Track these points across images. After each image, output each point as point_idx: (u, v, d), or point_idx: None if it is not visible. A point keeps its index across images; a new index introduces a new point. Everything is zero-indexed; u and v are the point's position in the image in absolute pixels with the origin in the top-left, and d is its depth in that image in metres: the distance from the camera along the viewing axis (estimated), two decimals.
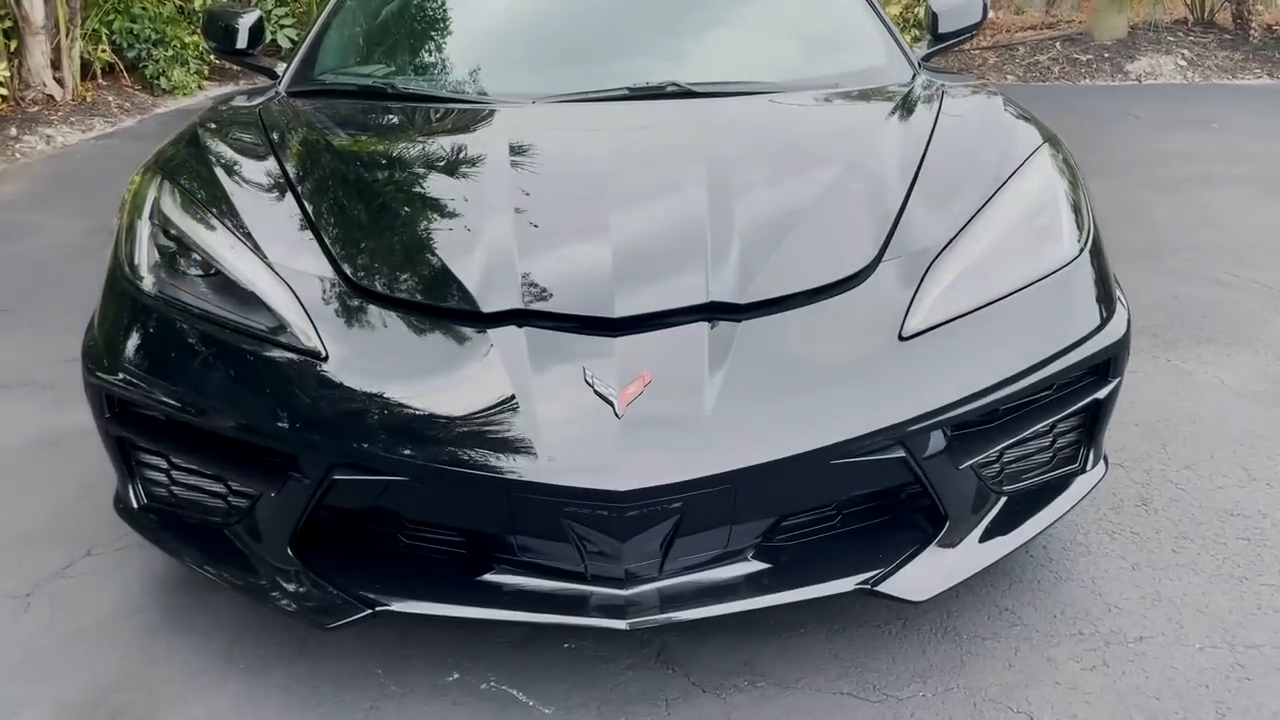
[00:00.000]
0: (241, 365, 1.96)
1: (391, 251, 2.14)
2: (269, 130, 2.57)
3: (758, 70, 2.89)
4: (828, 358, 1.93)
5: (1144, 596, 2.27)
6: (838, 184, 2.29)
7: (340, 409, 1.86)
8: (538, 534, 1.86)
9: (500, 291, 1.96)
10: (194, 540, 2.10)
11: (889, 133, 2.54)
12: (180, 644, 2.17)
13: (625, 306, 1.93)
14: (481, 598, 1.91)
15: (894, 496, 2.03)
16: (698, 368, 1.85)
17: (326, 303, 2.00)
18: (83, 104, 7.63)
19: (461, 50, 3.06)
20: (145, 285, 2.12)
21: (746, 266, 2.01)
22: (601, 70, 2.86)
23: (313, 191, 2.30)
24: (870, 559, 1.97)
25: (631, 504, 1.75)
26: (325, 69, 3.05)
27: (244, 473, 1.97)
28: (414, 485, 1.83)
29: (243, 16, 3.26)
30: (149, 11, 8.23)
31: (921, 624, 2.19)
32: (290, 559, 1.95)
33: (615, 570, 1.87)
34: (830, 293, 2.00)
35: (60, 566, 2.43)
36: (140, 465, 2.13)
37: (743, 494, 1.83)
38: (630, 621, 1.85)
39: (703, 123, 2.61)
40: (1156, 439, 2.90)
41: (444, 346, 1.93)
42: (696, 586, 1.92)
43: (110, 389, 2.06)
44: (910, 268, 2.06)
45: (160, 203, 2.25)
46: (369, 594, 1.92)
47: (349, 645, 2.13)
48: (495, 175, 2.31)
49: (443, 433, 1.80)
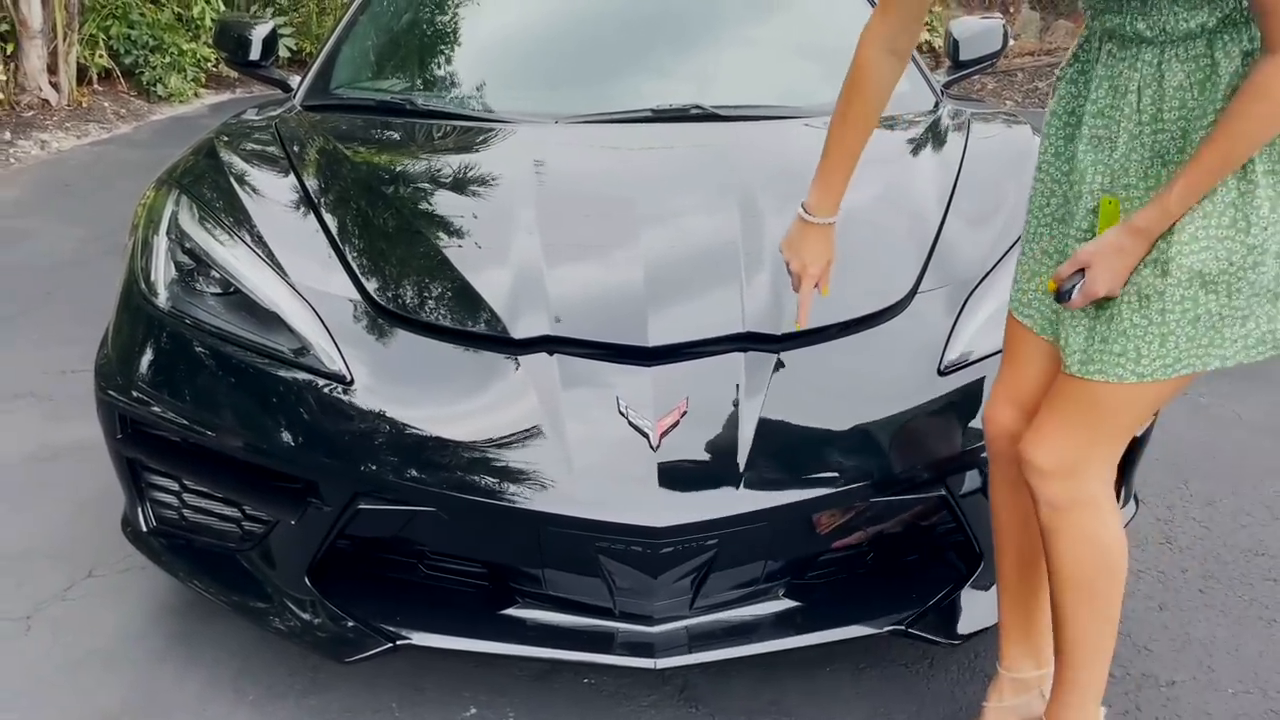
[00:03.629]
0: (262, 387, 1.90)
1: (417, 273, 2.09)
2: (287, 145, 2.52)
3: (781, 94, 2.86)
4: (865, 391, 1.89)
5: (1174, 639, 2.23)
6: (870, 212, 2.26)
7: (366, 435, 1.80)
8: (567, 568, 1.80)
9: (531, 317, 1.91)
10: (204, 566, 2.03)
11: (920, 160, 2.51)
12: (187, 673, 2.10)
13: (659, 335, 1.88)
14: (505, 632, 1.86)
15: (927, 534, 1.99)
16: (734, 399, 1.81)
17: (351, 325, 1.95)
18: (78, 109, 7.56)
19: (482, 68, 3.01)
20: (161, 302, 2.06)
21: (781, 296, 1.97)
22: (624, 91, 2.82)
23: (334, 209, 2.25)
24: (904, 599, 1.93)
25: (666, 540, 1.71)
26: (341, 83, 3.00)
27: (262, 498, 1.91)
28: (441, 515, 1.77)
29: (256, 28, 3.21)
30: (147, 18, 8.18)
31: (949, 664, 2.14)
32: (308, 588, 1.89)
33: (644, 607, 1.82)
34: (867, 324, 1.97)
35: (61, 588, 2.36)
36: (150, 487, 2.07)
37: (778, 531, 1.78)
38: (659, 661, 1.80)
39: (730, 146, 2.57)
40: (1178, 475, 2.87)
41: (474, 373, 1.87)
42: (726, 625, 1.87)
43: (123, 408, 1.99)
44: (948, 299, 2.02)
45: (178, 217, 2.19)
46: (389, 626, 1.86)
47: (362, 677, 2.07)
48: (522, 196, 2.27)
49: (473, 463, 1.75)
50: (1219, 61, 1.42)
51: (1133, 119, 1.50)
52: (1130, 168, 1.51)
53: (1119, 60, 1.51)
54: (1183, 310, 1.46)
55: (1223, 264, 1.43)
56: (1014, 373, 1.72)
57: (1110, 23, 1.51)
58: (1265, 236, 1.42)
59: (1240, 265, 1.43)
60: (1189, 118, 1.45)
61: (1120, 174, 1.52)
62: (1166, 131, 1.47)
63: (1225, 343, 1.48)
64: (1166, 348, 1.48)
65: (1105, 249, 1.48)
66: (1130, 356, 1.49)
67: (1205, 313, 1.46)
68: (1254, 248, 1.43)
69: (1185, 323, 1.46)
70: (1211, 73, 1.43)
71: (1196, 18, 1.42)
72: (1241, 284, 1.44)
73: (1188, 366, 1.49)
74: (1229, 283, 1.44)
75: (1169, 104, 1.46)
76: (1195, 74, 1.44)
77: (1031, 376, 1.69)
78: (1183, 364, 1.48)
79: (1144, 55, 1.48)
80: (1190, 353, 1.48)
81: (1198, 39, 1.43)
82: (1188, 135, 1.45)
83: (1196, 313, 1.46)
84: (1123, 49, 1.50)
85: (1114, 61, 1.52)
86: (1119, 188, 1.52)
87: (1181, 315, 1.46)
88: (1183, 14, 1.42)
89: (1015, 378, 1.72)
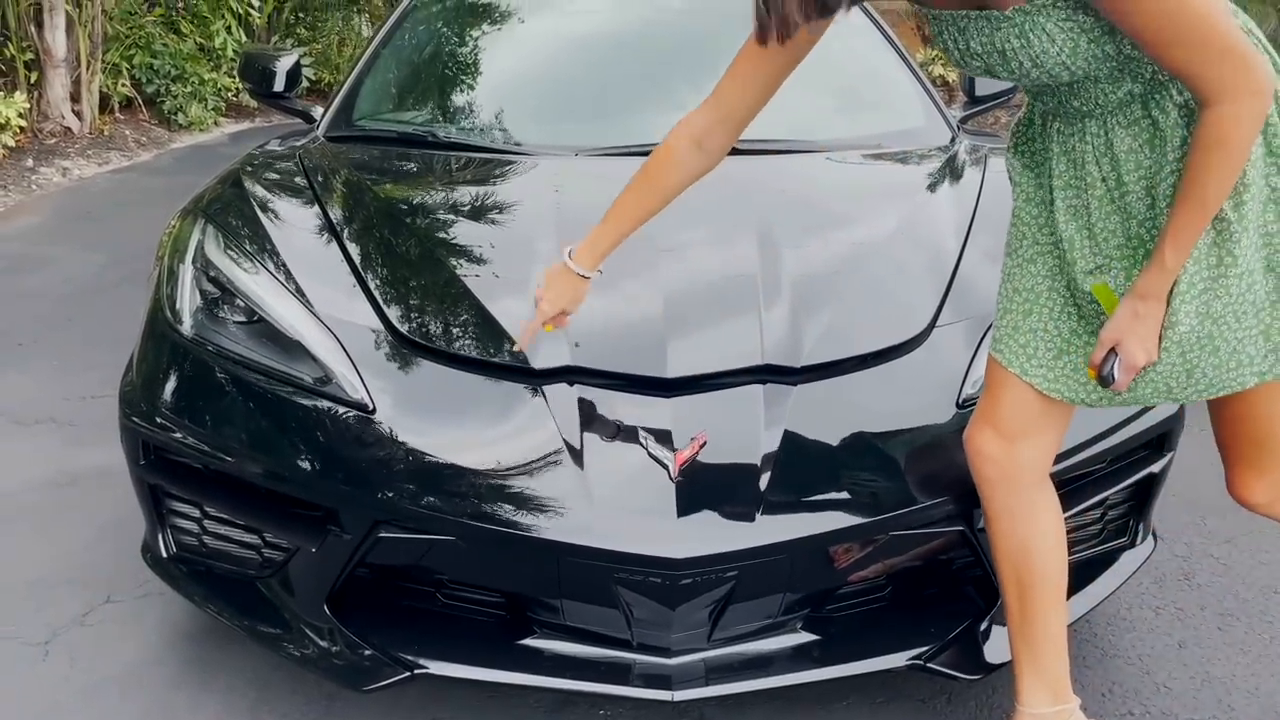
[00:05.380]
0: (285, 416, 1.91)
1: (440, 303, 2.11)
2: (311, 175, 2.55)
3: (800, 129, 2.88)
4: (885, 424, 1.89)
5: (1193, 676, 2.22)
6: (889, 245, 2.27)
7: (387, 464, 1.81)
8: (586, 599, 1.80)
9: (551, 347, 1.92)
10: (223, 592, 2.04)
11: (938, 194, 2.52)
12: (203, 699, 2.11)
13: (678, 366, 1.89)
14: (522, 662, 1.86)
15: (946, 568, 1.99)
16: (753, 432, 1.81)
17: (373, 354, 1.96)
18: (100, 137, 7.66)
19: (502, 100, 3.05)
20: (186, 330, 2.08)
21: (799, 328, 1.98)
22: (642, 124, 2.84)
23: (357, 239, 2.28)
24: (921, 633, 1.92)
25: (686, 571, 1.71)
26: (364, 114, 3.04)
27: (283, 526, 1.91)
28: (460, 545, 1.78)
29: (280, 60, 3.26)
30: (170, 48, 8.30)
31: (967, 699, 2.13)
32: (326, 616, 1.89)
33: (662, 639, 1.82)
34: (886, 357, 1.97)
35: (79, 613, 2.37)
36: (171, 514, 2.08)
37: (798, 564, 1.78)
38: (676, 693, 1.79)
39: (747, 179, 2.59)
40: (1195, 511, 2.86)
41: (494, 403, 1.88)
42: (744, 658, 1.86)
43: (147, 435, 2.01)
44: (966, 333, 2.03)
45: (203, 246, 2.22)
46: (406, 655, 1.86)
47: (378, 706, 2.07)
48: (542, 227, 2.29)
49: (494, 492, 1.76)
50: (1158, 119, 1.50)
51: (1099, 186, 1.57)
52: (1109, 236, 1.58)
53: (1068, 136, 1.60)
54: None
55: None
56: (991, 400, 1.75)
57: (1049, 104, 1.60)
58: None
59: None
60: (1148, 176, 1.53)
61: (1103, 243, 1.59)
62: (1132, 193, 1.54)
63: None
64: (1272, 341, 1.57)
65: (1125, 323, 1.54)
66: (1245, 363, 1.58)
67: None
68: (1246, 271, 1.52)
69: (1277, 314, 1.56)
70: (1154, 132, 1.51)
71: (1123, 87, 1.50)
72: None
73: None
74: None
75: (1125, 167, 1.54)
76: (1140, 135, 1.52)
77: (1008, 402, 1.72)
78: None
79: (1089, 127, 1.56)
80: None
81: (1132, 104, 1.51)
82: (1151, 191, 1.53)
83: None
84: (1068, 125, 1.59)
85: (1064, 137, 1.61)
86: (1104, 267, 1.59)
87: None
88: (1108, 88, 1.51)
89: (993, 404, 1.74)
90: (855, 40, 3.28)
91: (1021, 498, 1.76)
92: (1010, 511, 1.76)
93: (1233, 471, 1.82)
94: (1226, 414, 1.77)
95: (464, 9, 3.45)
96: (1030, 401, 1.70)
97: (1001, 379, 1.73)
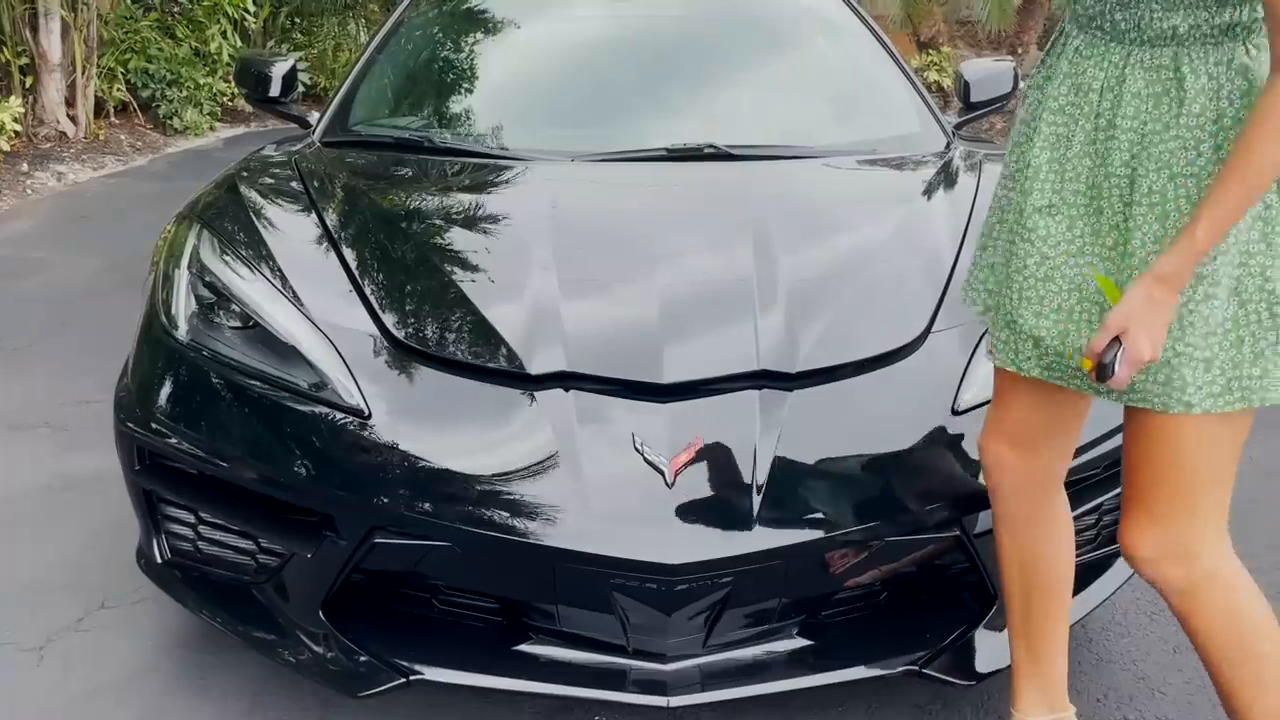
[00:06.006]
0: (280, 421, 1.91)
1: (435, 308, 2.11)
2: (307, 181, 2.55)
3: (795, 134, 2.89)
4: (880, 430, 1.89)
5: (1188, 681, 2.22)
6: (884, 251, 2.28)
7: (383, 470, 1.81)
8: (581, 604, 1.81)
9: (547, 352, 1.92)
10: (218, 598, 2.03)
11: (933, 200, 2.53)
12: (198, 705, 2.10)
13: (674, 372, 1.90)
14: (518, 668, 1.86)
15: (942, 574, 1.99)
16: (749, 437, 1.81)
17: (369, 359, 1.96)
18: (95, 142, 7.64)
19: (499, 106, 3.05)
20: (181, 335, 2.08)
21: (795, 334, 1.98)
22: (639, 130, 2.85)
23: (353, 244, 2.28)
24: (918, 639, 1.92)
25: (682, 577, 1.71)
26: (360, 120, 3.04)
27: (278, 532, 1.91)
28: (456, 550, 1.78)
29: (276, 65, 3.25)
30: (165, 52, 8.29)
31: (962, 704, 2.13)
32: (322, 622, 1.89)
33: (658, 644, 1.82)
34: (881, 363, 1.97)
35: (74, 619, 2.36)
36: (166, 519, 2.07)
37: (793, 570, 1.78)
38: (671, 699, 1.79)
39: (744, 185, 2.60)
40: None
41: (490, 408, 1.88)
42: (739, 663, 1.86)
43: (142, 440, 2.00)
44: (961, 339, 2.03)
45: (199, 252, 2.22)
46: (402, 661, 1.86)
47: (372, 711, 2.06)
48: (538, 233, 2.29)
49: (490, 498, 1.75)
50: (1185, 76, 1.41)
51: (1089, 120, 1.48)
52: (1074, 178, 1.49)
53: (1085, 59, 1.50)
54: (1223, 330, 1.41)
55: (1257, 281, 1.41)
56: (1001, 408, 1.71)
57: (1091, 9, 1.49)
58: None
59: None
60: (1141, 131, 1.43)
61: (1067, 182, 1.50)
62: (1117, 140, 1.45)
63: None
64: (1212, 374, 1.42)
65: (1137, 307, 1.39)
66: (1176, 385, 1.43)
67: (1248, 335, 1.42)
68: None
69: (1228, 345, 1.42)
70: (1175, 87, 1.41)
71: (1170, 19, 1.40)
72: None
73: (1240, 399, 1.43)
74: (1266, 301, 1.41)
75: (1124, 110, 1.44)
76: (1156, 84, 1.42)
77: (1017, 409, 1.68)
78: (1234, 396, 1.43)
79: (1110, 56, 1.47)
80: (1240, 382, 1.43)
81: (1165, 46, 1.42)
82: (1136, 148, 1.44)
83: (1239, 334, 1.42)
84: (1090, 46, 1.50)
85: (1079, 59, 1.51)
86: (1054, 207, 1.50)
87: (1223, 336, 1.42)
88: (1159, 11, 1.41)
89: (1003, 412, 1.71)
90: (851, 46, 3.29)
91: (1034, 506, 1.73)
92: (1022, 518, 1.73)
93: (1127, 514, 1.60)
94: (1139, 435, 1.55)
95: (460, 15, 3.45)
96: (1039, 406, 1.66)
97: (1008, 385, 1.68)
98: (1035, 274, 1.55)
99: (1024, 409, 1.68)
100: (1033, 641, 1.82)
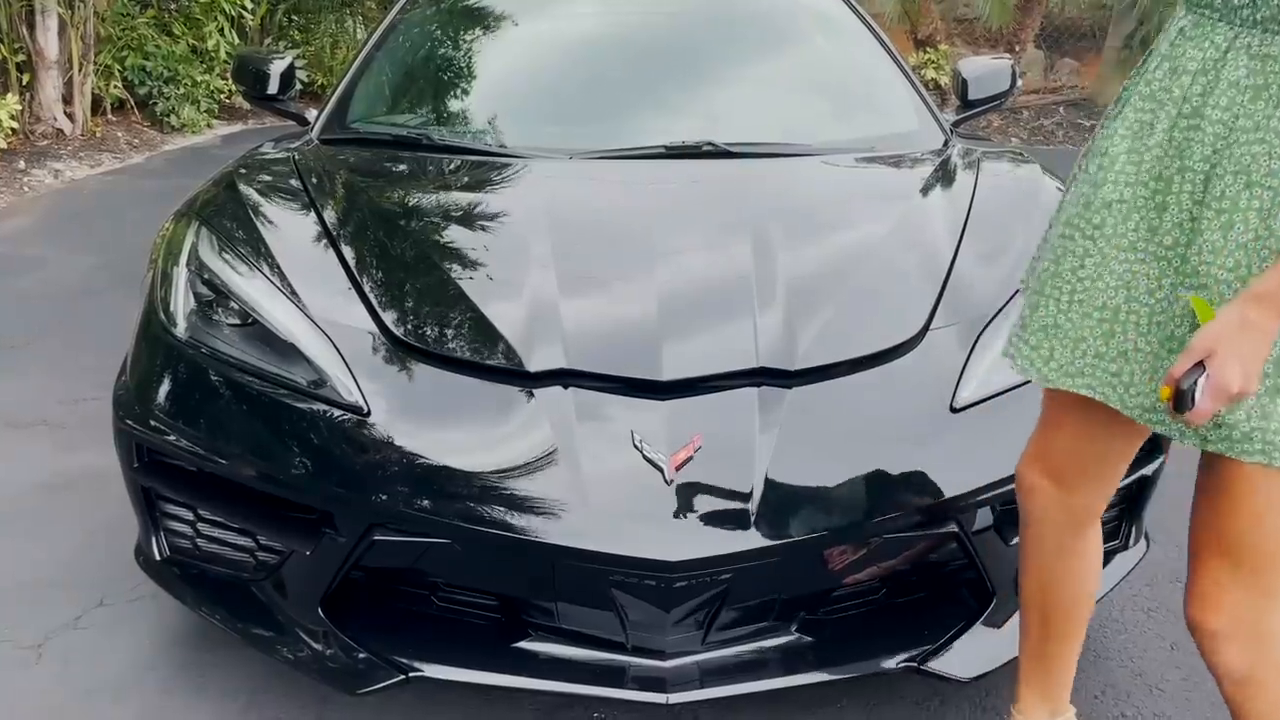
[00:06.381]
0: (279, 418, 1.91)
1: (434, 306, 2.10)
2: (305, 178, 2.55)
3: (793, 132, 2.89)
4: (879, 428, 1.90)
5: (1185, 679, 2.22)
6: (883, 248, 2.28)
7: (382, 467, 1.81)
8: (580, 601, 1.81)
9: (546, 350, 1.92)
10: (217, 596, 2.04)
11: (931, 197, 2.53)
12: (196, 703, 2.10)
13: (673, 369, 1.90)
14: (517, 665, 1.86)
15: (940, 570, 1.99)
16: (748, 434, 1.81)
17: (368, 357, 1.96)
18: (92, 139, 7.62)
19: (497, 103, 3.05)
20: (180, 333, 2.08)
21: (794, 331, 1.99)
22: (637, 128, 2.85)
23: (352, 242, 2.27)
24: (916, 635, 1.92)
25: (680, 574, 1.71)
26: (358, 117, 3.03)
27: (277, 529, 1.91)
28: (455, 548, 1.78)
29: (273, 62, 3.25)
30: (162, 49, 8.26)
31: (960, 701, 2.13)
32: (321, 619, 1.89)
33: (657, 641, 1.82)
34: (880, 361, 1.98)
35: (72, 617, 2.36)
36: (165, 516, 2.07)
37: (792, 567, 1.79)
38: (670, 696, 1.79)
39: (742, 183, 2.60)
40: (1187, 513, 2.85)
41: (489, 405, 1.88)
42: (738, 660, 1.86)
43: (141, 437, 2.00)
44: (960, 336, 2.04)
45: (198, 249, 2.22)
46: (400, 658, 1.86)
47: (371, 709, 2.07)
48: (537, 230, 2.29)
49: (489, 495, 1.76)
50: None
51: (1174, 105, 1.33)
52: (1150, 164, 1.35)
53: (1187, 39, 1.34)
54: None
55: None
56: (1045, 437, 1.61)
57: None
58: None
59: None
60: (1230, 126, 1.28)
61: (1143, 171, 1.34)
62: (1201, 131, 1.30)
63: None
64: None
65: (1228, 329, 1.21)
66: (1274, 430, 1.26)
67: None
68: None
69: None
70: (1274, 81, 1.26)
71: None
72: None
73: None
74: None
75: (1216, 100, 1.29)
76: (1257, 75, 1.27)
77: (1063, 440, 1.57)
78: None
79: (1214, 36, 1.31)
80: None
81: (1278, 33, 1.26)
82: (1219, 143, 1.29)
83: None
84: (1196, 27, 1.34)
85: (1182, 40, 1.36)
86: (1120, 203, 1.36)
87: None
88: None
89: (1047, 441, 1.60)
90: (849, 44, 3.29)
91: (1067, 539, 1.65)
92: (1052, 548, 1.65)
93: (1197, 577, 1.45)
94: (1222, 486, 1.41)
95: (458, 12, 3.44)
96: (1088, 438, 1.54)
97: (1057, 415, 1.57)
98: (1090, 274, 1.42)
99: (1070, 439, 1.56)
100: (1045, 660, 1.78)
